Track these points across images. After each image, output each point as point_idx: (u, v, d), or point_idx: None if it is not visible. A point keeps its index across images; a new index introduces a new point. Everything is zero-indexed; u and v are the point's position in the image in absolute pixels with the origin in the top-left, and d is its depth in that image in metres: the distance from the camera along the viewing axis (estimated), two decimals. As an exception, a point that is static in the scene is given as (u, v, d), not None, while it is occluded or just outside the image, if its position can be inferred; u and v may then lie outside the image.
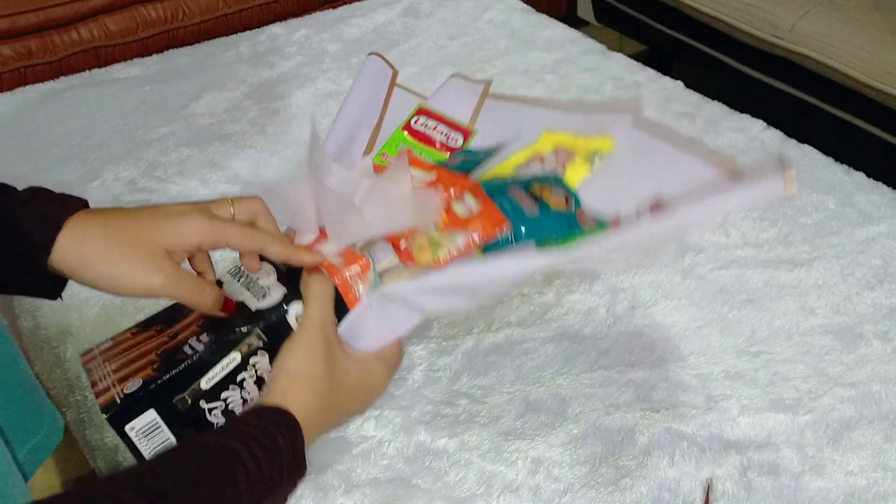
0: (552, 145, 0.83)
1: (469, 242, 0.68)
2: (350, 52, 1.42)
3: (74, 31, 1.74)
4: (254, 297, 0.66)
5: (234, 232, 0.64)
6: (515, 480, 0.75)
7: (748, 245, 1.02)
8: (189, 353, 0.63)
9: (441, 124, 0.89)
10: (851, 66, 1.70)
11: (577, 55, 1.41)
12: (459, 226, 0.69)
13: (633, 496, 0.73)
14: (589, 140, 0.81)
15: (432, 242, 0.68)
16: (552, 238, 0.69)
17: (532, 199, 0.72)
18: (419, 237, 0.68)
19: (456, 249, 0.67)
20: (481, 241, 0.68)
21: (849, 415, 0.81)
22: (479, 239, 0.68)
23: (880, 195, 1.09)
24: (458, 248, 0.67)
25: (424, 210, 0.69)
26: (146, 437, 0.61)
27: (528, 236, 0.70)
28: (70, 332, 0.92)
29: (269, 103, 1.29)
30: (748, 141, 1.20)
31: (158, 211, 0.63)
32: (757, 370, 0.85)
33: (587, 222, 0.71)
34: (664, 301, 0.94)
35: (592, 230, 0.69)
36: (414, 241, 0.68)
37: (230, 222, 0.65)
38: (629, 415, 0.80)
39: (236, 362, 0.63)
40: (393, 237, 0.69)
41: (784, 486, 0.75)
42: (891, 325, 0.91)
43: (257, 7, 1.88)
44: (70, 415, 0.95)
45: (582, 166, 0.79)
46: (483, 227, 0.69)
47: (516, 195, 0.73)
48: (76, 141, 1.22)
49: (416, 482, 0.74)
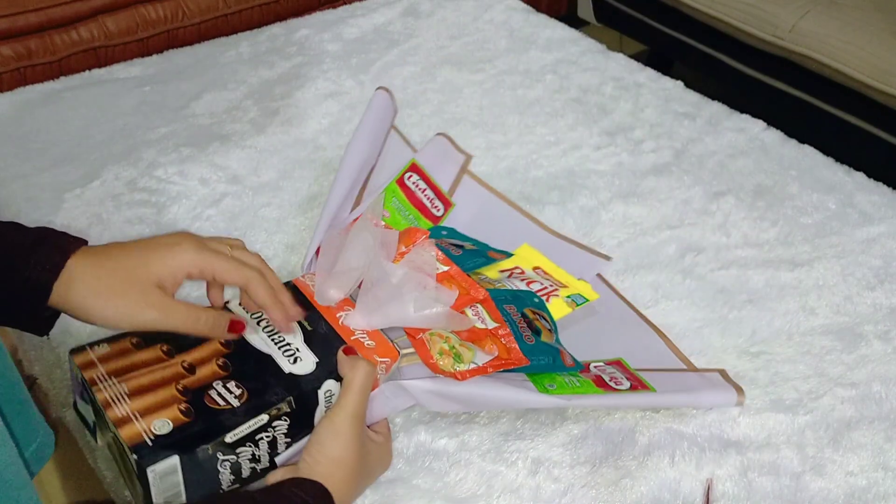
0: (532, 264, 0.88)
1: (488, 364, 0.74)
2: (350, 52, 1.42)
3: (74, 31, 1.74)
4: (283, 357, 0.69)
5: (220, 265, 0.67)
6: (515, 481, 0.75)
7: (748, 245, 1.02)
8: (221, 403, 0.65)
9: (428, 188, 0.93)
10: (852, 66, 1.70)
11: (578, 55, 1.41)
12: (476, 339, 0.76)
13: (633, 496, 0.73)
14: (571, 279, 0.87)
15: (454, 352, 0.73)
16: (540, 369, 0.76)
17: (527, 323, 0.78)
18: (438, 339, 0.74)
19: (476, 367, 0.73)
20: (501, 367, 0.74)
21: (849, 415, 0.81)
22: (500, 365, 0.74)
23: (881, 195, 1.09)
24: (478, 367, 0.73)
25: (457, 324, 0.75)
26: (161, 479, 0.62)
27: (522, 367, 0.76)
28: (70, 332, 0.92)
29: (269, 103, 1.29)
30: (748, 141, 1.20)
31: (151, 243, 0.67)
32: (757, 370, 0.85)
33: (566, 360, 0.78)
34: (664, 301, 0.94)
35: (573, 371, 0.77)
36: (433, 341, 0.74)
37: (219, 254, 0.68)
38: (629, 415, 0.80)
39: (262, 423, 0.65)
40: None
41: (784, 486, 0.75)
42: (891, 326, 0.91)
43: (257, 7, 1.88)
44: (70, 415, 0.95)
45: (566, 305, 0.84)
46: (500, 350, 0.75)
47: (515, 317, 0.78)
48: (76, 141, 1.22)
49: (416, 482, 0.74)
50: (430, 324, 0.74)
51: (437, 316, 0.74)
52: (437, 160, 0.98)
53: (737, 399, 0.80)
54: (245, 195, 1.10)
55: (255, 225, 1.05)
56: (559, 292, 0.85)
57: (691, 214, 1.06)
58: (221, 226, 1.05)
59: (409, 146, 1.01)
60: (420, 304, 0.73)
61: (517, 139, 1.21)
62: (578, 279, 0.88)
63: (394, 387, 0.71)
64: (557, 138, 1.21)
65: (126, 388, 0.65)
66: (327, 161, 1.17)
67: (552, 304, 0.83)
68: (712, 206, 1.07)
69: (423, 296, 0.74)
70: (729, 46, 1.95)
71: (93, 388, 0.66)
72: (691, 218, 1.06)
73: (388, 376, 0.72)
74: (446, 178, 0.97)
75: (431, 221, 0.91)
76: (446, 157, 1.00)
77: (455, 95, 1.31)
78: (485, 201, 0.98)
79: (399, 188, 0.91)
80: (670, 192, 1.10)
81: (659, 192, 1.10)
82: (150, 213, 1.07)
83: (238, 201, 1.09)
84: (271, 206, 1.08)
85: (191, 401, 0.65)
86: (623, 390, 0.76)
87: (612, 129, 1.23)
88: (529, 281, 0.85)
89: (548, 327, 0.80)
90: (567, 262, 0.89)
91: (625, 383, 0.77)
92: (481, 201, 0.98)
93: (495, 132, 1.23)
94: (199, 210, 1.07)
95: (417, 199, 0.91)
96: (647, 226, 1.04)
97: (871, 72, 1.67)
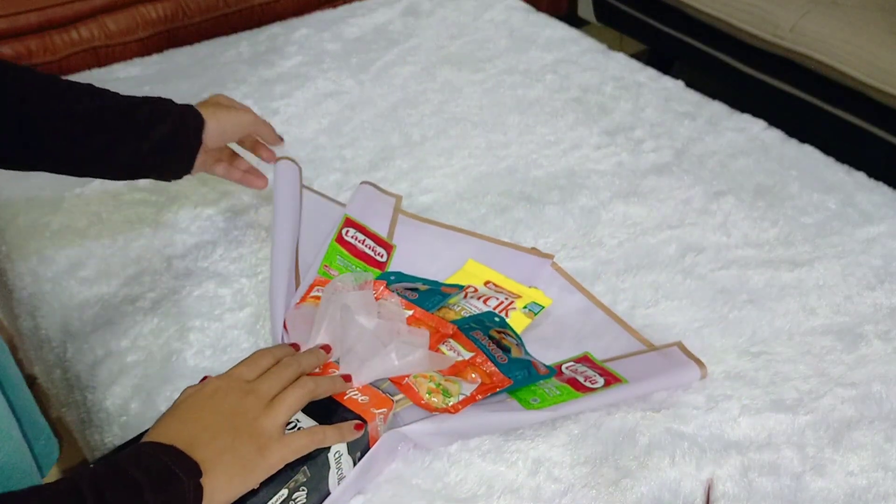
0: (481, 279, 0.93)
1: (475, 392, 0.78)
2: (350, 52, 1.42)
3: (74, 30, 1.74)
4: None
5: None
6: (516, 481, 0.75)
7: (749, 245, 1.02)
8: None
9: (367, 238, 0.96)
10: (852, 66, 1.70)
11: (578, 55, 1.41)
12: (458, 371, 0.80)
13: (633, 496, 0.73)
14: (523, 288, 0.92)
15: (442, 389, 0.77)
16: (518, 383, 0.79)
17: (496, 344, 0.82)
18: (423, 379, 0.77)
19: (465, 397, 0.77)
20: (488, 392, 0.78)
21: (849, 415, 0.81)
22: (487, 390, 0.78)
23: (881, 195, 1.09)
24: (467, 396, 0.77)
25: (439, 364, 0.79)
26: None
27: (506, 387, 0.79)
28: (70, 332, 0.92)
29: (269, 103, 1.29)
30: (749, 141, 1.20)
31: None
32: (758, 370, 0.85)
33: (540, 369, 0.82)
34: (665, 301, 0.94)
35: (548, 378, 0.81)
36: (419, 383, 0.77)
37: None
38: (630, 415, 0.80)
39: (283, 497, 0.66)
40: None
41: (785, 486, 0.75)
42: (891, 325, 0.91)
43: (257, 7, 1.88)
44: (70, 415, 0.95)
45: (525, 316, 0.88)
46: (481, 376, 0.79)
47: (483, 341, 0.82)
48: (76, 141, 1.22)
49: (416, 482, 0.74)
50: (412, 369, 0.77)
51: (419, 360, 0.77)
52: (369, 207, 1.02)
53: (700, 373, 0.83)
54: (245, 194, 1.10)
55: (255, 225, 1.05)
56: (515, 304, 0.89)
57: (692, 214, 1.06)
58: (221, 226, 1.05)
59: (334, 203, 1.05)
60: (401, 353, 0.76)
61: (517, 139, 1.21)
62: (530, 286, 0.92)
63: (395, 435, 0.74)
64: (558, 138, 1.21)
65: None
66: (327, 161, 1.17)
67: (512, 318, 0.88)
68: (713, 205, 1.07)
69: (402, 343, 0.77)
70: (729, 46, 1.95)
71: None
72: (692, 218, 1.06)
73: (386, 426, 0.74)
74: (382, 222, 1.01)
75: (378, 269, 0.94)
76: (377, 202, 1.04)
77: (455, 95, 1.31)
78: (422, 232, 1.01)
79: (340, 245, 0.94)
80: (670, 192, 1.10)
81: (659, 191, 1.10)
82: (150, 213, 1.07)
83: (238, 201, 1.09)
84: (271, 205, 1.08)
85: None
86: (599, 388, 0.80)
87: (613, 128, 1.23)
88: (486, 298, 0.90)
89: (514, 342, 0.84)
90: (513, 268, 0.94)
91: (599, 380, 0.81)
92: (419, 233, 1.01)
93: (495, 132, 1.23)
94: (199, 210, 1.07)
95: (359, 251, 0.95)
96: (648, 226, 1.04)
97: (871, 72, 1.67)
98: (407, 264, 0.95)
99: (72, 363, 0.91)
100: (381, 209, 1.02)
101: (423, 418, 0.75)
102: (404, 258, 0.96)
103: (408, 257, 0.96)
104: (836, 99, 1.78)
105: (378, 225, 0.99)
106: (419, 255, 0.96)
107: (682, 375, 0.84)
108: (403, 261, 0.96)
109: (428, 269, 0.94)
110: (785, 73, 1.85)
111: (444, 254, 0.97)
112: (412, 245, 0.98)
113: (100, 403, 0.86)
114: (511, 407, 0.79)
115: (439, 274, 0.94)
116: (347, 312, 0.77)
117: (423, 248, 0.98)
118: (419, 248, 0.98)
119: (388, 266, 0.95)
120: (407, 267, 0.94)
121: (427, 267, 0.94)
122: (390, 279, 0.90)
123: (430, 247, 0.98)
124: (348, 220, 0.97)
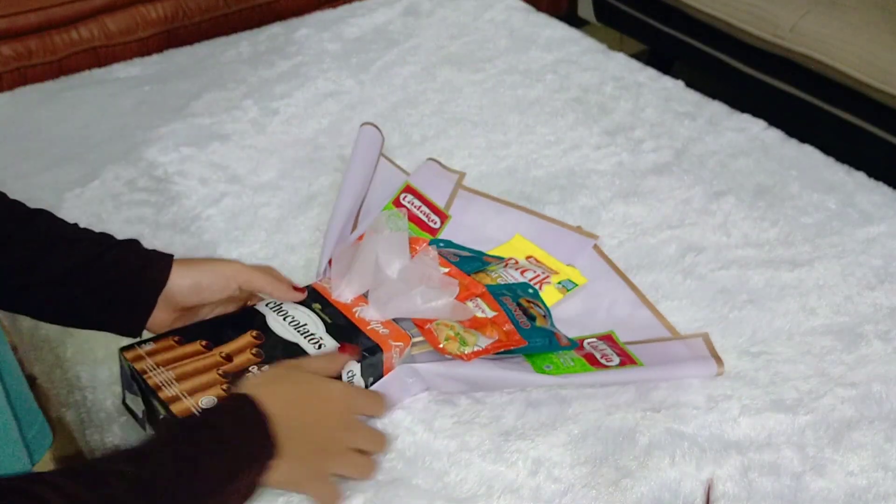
0: (524, 254, 0.97)
1: (489, 346, 0.81)
2: (350, 52, 1.42)
3: (74, 30, 1.74)
4: (309, 344, 0.78)
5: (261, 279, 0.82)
6: (516, 481, 0.75)
7: (749, 245, 1.02)
8: None
9: (423, 205, 1.01)
10: (852, 66, 1.70)
11: (578, 55, 1.41)
12: (478, 326, 0.84)
13: (633, 496, 0.73)
14: (561, 265, 0.96)
15: (460, 337, 0.81)
16: (537, 349, 0.83)
17: (522, 311, 0.86)
18: (444, 327, 0.82)
19: (479, 349, 0.81)
20: (502, 348, 0.82)
21: (849, 415, 0.81)
22: (500, 346, 0.82)
23: (881, 195, 1.09)
24: (481, 349, 0.81)
25: (461, 314, 0.84)
26: None
27: (521, 347, 0.83)
28: (70, 332, 0.92)
29: (269, 103, 1.29)
30: (749, 141, 1.20)
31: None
32: (758, 370, 0.85)
33: (562, 340, 0.85)
34: (665, 301, 0.94)
35: (567, 350, 0.84)
36: (440, 329, 0.82)
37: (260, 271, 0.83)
38: (630, 415, 0.80)
39: None
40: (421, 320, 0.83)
41: (785, 486, 0.75)
42: (891, 326, 0.91)
43: (257, 7, 1.88)
44: (70, 415, 0.95)
45: (558, 292, 0.92)
46: (500, 335, 0.83)
47: (511, 306, 0.86)
48: (76, 141, 1.22)
49: (416, 482, 0.74)
50: (436, 314, 0.83)
51: (443, 306, 0.83)
52: (430, 180, 1.06)
53: (717, 370, 0.84)
54: (245, 195, 1.10)
55: (255, 225, 1.05)
56: (550, 279, 0.93)
57: (692, 214, 1.06)
58: (221, 226, 1.05)
59: (401, 171, 1.09)
60: (426, 297, 0.82)
61: (517, 139, 1.21)
62: (568, 264, 0.96)
63: (407, 369, 0.79)
64: (558, 138, 1.21)
65: (173, 374, 0.74)
66: (327, 161, 1.17)
67: (545, 291, 0.91)
68: (713, 205, 1.07)
69: (429, 288, 0.83)
70: (729, 46, 1.95)
71: (143, 376, 0.74)
72: (692, 218, 1.06)
73: (401, 360, 0.80)
74: (441, 195, 1.05)
75: (430, 234, 0.98)
76: (439, 177, 1.08)
77: (455, 95, 1.31)
78: (479, 206, 1.05)
79: (396, 208, 0.98)
80: (671, 192, 1.10)
81: (659, 191, 1.10)
82: (149, 213, 1.07)
83: (238, 201, 1.09)
84: (271, 205, 1.08)
85: (231, 382, 0.73)
86: (613, 366, 0.83)
87: (613, 128, 1.23)
88: (523, 270, 0.93)
89: (542, 313, 0.87)
90: (558, 245, 0.98)
91: (615, 359, 0.83)
92: (476, 207, 1.05)
93: (495, 132, 1.23)
94: (199, 210, 1.07)
95: (413, 215, 0.99)
96: (648, 226, 1.04)
97: (871, 72, 1.67)
98: (458, 235, 0.98)
99: (71, 363, 0.91)
100: (442, 184, 1.06)
101: (436, 360, 0.80)
102: (457, 229, 1.00)
103: (460, 229, 1.00)
104: (835, 99, 1.78)
105: (438, 198, 1.03)
106: (471, 227, 1.01)
107: (697, 368, 0.84)
108: (455, 232, 1.00)
109: (476, 241, 0.98)
110: (785, 73, 1.85)
111: (494, 224, 1.02)
112: (465, 216, 1.03)
113: (100, 403, 0.86)
114: (523, 368, 0.82)
115: (486, 245, 0.98)
116: (383, 252, 0.84)
117: (475, 219, 1.02)
118: (472, 219, 1.02)
119: (440, 234, 0.99)
120: (458, 238, 0.98)
121: (476, 238, 0.98)
122: (439, 244, 0.95)
123: (483, 218, 1.03)
124: (408, 187, 1.02)
